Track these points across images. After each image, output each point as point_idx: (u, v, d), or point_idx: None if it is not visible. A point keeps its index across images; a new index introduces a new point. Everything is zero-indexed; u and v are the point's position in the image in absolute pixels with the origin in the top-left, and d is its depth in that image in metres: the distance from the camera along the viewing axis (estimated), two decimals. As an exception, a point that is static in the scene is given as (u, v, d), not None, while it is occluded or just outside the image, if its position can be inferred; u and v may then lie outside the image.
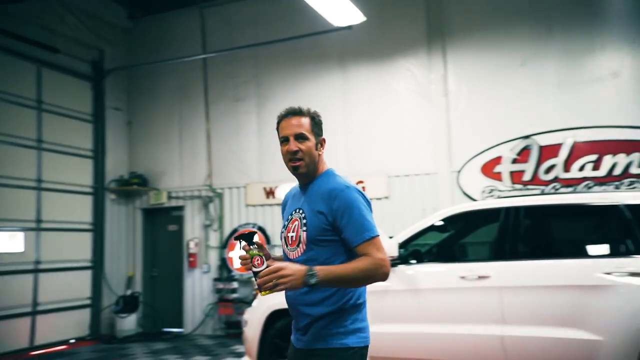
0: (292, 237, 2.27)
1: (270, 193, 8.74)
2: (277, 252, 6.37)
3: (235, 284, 8.61)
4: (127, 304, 9.02)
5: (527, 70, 7.48)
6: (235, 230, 8.95)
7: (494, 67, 7.65)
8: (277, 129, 2.34)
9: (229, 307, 8.57)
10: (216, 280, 8.88)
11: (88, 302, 9.06)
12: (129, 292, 9.32)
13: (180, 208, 9.54)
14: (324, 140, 2.40)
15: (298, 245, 2.24)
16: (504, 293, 4.32)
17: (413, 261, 4.85)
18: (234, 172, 9.10)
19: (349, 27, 7.90)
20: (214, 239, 9.16)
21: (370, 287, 2.24)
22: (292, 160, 2.27)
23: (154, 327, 9.34)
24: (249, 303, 8.27)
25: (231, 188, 9.14)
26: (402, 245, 4.79)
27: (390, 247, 4.64)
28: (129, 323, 8.99)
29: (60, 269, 8.61)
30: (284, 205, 2.47)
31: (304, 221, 2.23)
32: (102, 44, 9.62)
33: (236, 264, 8.74)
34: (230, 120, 9.22)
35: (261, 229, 8.73)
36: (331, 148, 8.41)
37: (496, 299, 4.33)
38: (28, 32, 8.33)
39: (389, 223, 7.82)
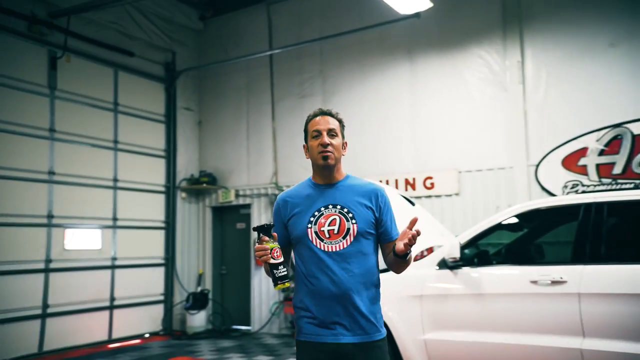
0: (332, 230, 2.34)
1: (336, 190, 8.51)
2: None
3: (300, 283, 8.46)
4: (197, 301, 9.15)
5: (618, 52, 6.70)
6: (301, 229, 8.78)
7: (577, 49, 6.93)
8: (306, 128, 2.49)
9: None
10: (282, 279, 8.77)
11: (161, 298, 9.30)
12: (199, 289, 9.46)
13: (247, 206, 9.55)
14: (346, 144, 2.56)
15: (344, 238, 2.33)
16: (583, 301, 3.79)
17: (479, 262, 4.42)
18: (299, 169, 8.96)
19: (417, 15, 7.53)
20: (281, 238, 9.06)
21: (428, 291, 2.31)
22: (323, 152, 2.39)
23: (223, 324, 9.41)
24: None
25: (297, 186, 9.00)
26: (466, 246, 4.38)
27: (451, 248, 4.26)
28: (198, 320, 9.11)
29: (135, 266, 8.88)
30: (284, 204, 2.50)
31: (350, 215, 2.36)
32: (175, 45, 9.84)
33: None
34: (296, 117, 9.08)
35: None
36: (397, 143, 8.09)
37: (573, 308, 3.81)
38: (106, 37, 8.68)
39: (460, 221, 7.34)
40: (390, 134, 8.14)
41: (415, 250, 3.74)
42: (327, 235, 2.33)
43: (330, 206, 2.39)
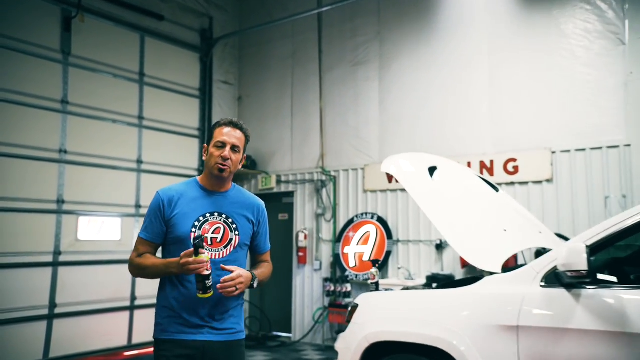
0: (216, 238, 2.42)
1: (393, 177, 7.00)
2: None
3: (349, 286, 7.04)
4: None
5: None
6: (351, 221, 7.36)
7: None
8: (212, 133, 2.48)
9: (340, 313, 7.04)
10: (327, 280, 7.39)
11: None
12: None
13: (290, 194, 8.22)
14: (245, 158, 2.59)
15: (225, 247, 2.43)
16: None
17: (609, 278, 2.85)
18: (350, 150, 7.53)
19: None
20: (327, 231, 7.69)
21: (530, 321, 2.50)
22: (222, 165, 2.43)
23: (260, 329, 8.15)
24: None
25: (347, 170, 7.57)
26: (594, 251, 2.79)
27: (571, 254, 2.68)
28: (232, 324, 7.89)
29: (161, 260, 7.76)
30: (169, 201, 2.43)
31: (234, 226, 2.48)
32: (212, 9, 8.64)
33: (351, 261, 7.17)
34: (347, 89, 7.65)
35: (381, 220, 7.04)
36: (471, 116, 6.33)
37: None
38: (132, -2, 7.57)
39: (552, 215, 5.70)
40: (462, 106, 6.54)
41: (506, 254, 3.27)
42: (210, 243, 2.39)
43: (216, 214, 2.45)
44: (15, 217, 6.25)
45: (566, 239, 5.51)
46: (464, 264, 6.12)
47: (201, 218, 2.39)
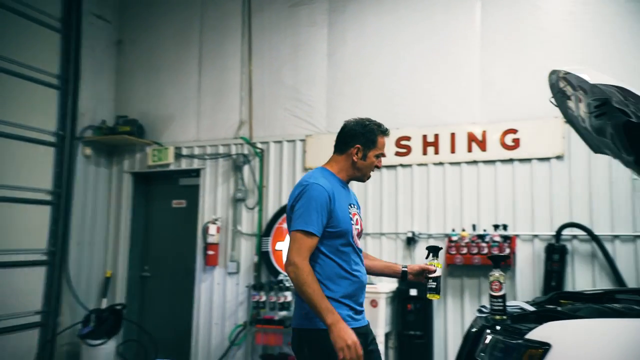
0: (358, 229, 2.46)
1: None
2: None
3: (288, 295, 5.24)
4: (103, 323, 5.57)
5: None
6: (286, 209, 5.59)
7: None
8: (374, 138, 2.44)
9: (273, 331, 5.20)
10: (254, 288, 5.49)
11: (37, 318, 5.54)
12: (105, 304, 5.89)
13: (194, 172, 6.14)
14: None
15: (359, 237, 2.46)
16: None
17: None
18: (286, 117, 5.78)
19: None
20: (249, 222, 5.80)
21: None
22: (371, 175, 2.54)
23: (146, 357, 5.86)
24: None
25: (280, 142, 5.79)
26: None
27: None
28: (103, 355, 5.51)
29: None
30: (332, 195, 2.33)
31: (360, 216, 2.53)
32: None
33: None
34: (284, 37, 5.90)
35: (330, 208, 5.41)
36: (457, 74, 3.52)
37: None
38: None
39: (563, 200, 4.68)
40: (442, 60, 5.23)
41: None
42: (357, 234, 2.44)
43: (354, 206, 2.48)
44: None
45: (584, 228, 4.51)
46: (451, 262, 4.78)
47: (349, 210, 2.41)
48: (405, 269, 2.58)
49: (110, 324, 5.64)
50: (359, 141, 2.41)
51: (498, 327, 2.08)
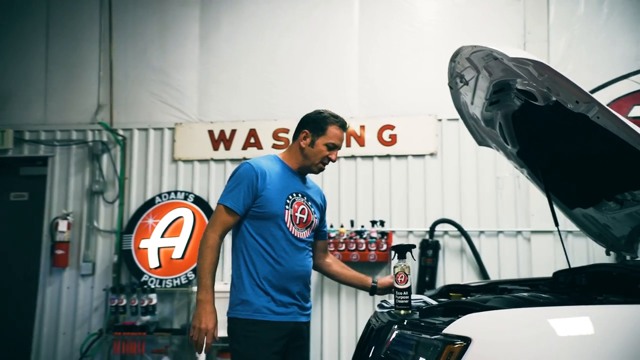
0: (302, 218, 2.36)
1: (222, 141, 5.07)
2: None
3: (153, 298, 4.73)
4: None
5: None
6: (151, 203, 5.06)
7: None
8: (324, 127, 2.37)
9: (133, 339, 4.67)
10: (111, 291, 4.88)
11: None
12: None
13: (39, 161, 5.32)
14: None
15: (307, 228, 2.38)
16: None
17: None
18: (152, 102, 5.25)
19: None
20: (107, 218, 5.17)
21: None
22: (323, 167, 2.43)
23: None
24: (180, 332, 4.61)
25: (145, 130, 5.23)
26: None
27: None
28: None
29: None
30: (261, 175, 2.29)
31: (312, 209, 2.42)
32: None
33: (153, 261, 4.88)
34: (150, 14, 5.36)
35: (200, 202, 5.00)
36: (336, 66, 3.89)
37: None
38: None
39: (435, 196, 4.84)
40: (321, 50, 5.11)
41: None
42: (300, 223, 2.35)
43: (300, 195, 2.40)
44: None
45: (454, 224, 4.68)
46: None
47: (290, 197, 2.35)
48: (375, 284, 2.50)
49: None
50: (308, 127, 2.38)
51: (407, 323, 1.94)
